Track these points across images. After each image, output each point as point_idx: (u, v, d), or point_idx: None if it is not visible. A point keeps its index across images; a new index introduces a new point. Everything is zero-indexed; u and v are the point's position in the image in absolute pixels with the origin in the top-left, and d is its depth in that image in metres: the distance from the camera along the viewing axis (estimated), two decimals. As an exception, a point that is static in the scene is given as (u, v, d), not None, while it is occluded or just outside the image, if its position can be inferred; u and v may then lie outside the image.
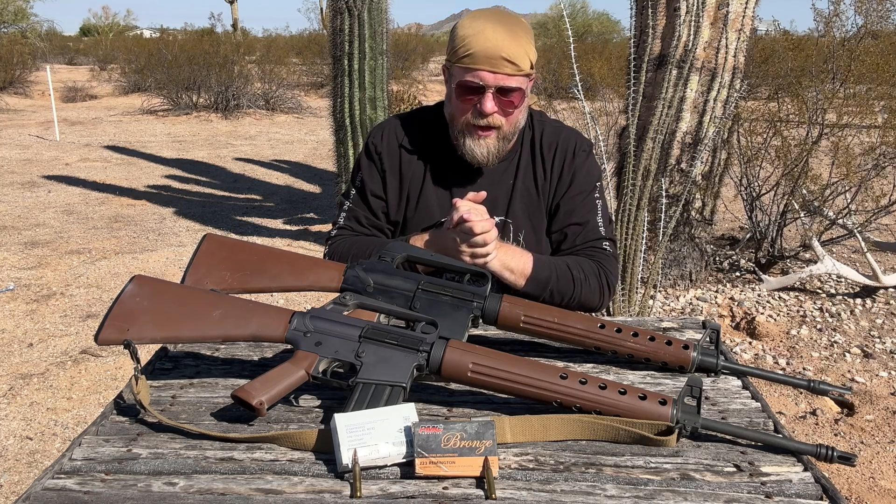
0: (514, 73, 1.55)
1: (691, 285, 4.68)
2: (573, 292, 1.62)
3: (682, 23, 4.05)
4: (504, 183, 1.71)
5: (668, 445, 1.09)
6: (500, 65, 1.53)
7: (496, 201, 1.70)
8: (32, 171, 8.73)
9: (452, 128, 1.65)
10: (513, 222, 1.71)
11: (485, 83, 1.54)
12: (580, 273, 1.63)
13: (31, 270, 5.19)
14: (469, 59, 1.54)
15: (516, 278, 1.58)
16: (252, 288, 1.39)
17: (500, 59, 1.52)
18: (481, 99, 1.56)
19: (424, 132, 1.73)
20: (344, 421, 1.04)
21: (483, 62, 1.53)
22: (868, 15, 4.97)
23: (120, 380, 3.56)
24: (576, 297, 1.63)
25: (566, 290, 1.62)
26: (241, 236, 5.81)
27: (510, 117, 1.60)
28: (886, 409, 3.20)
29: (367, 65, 5.42)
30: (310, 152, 10.47)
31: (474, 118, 1.58)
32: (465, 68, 1.56)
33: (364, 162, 1.76)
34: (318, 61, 17.80)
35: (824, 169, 5.04)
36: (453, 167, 1.71)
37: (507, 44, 1.53)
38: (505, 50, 1.52)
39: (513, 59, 1.53)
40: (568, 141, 1.73)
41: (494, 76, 1.54)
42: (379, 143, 1.74)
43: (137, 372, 1.18)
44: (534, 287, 1.59)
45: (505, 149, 1.66)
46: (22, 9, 29.88)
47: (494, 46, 1.52)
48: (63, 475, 1.04)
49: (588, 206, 1.71)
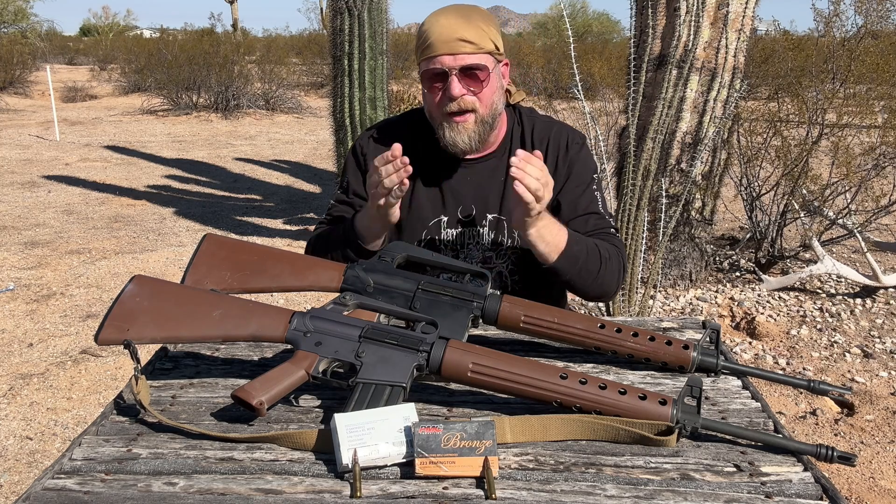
0: (475, 52, 1.56)
1: (691, 285, 4.68)
2: (598, 272, 1.59)
3: (682, 23, 4.05)
4: (496, 180, 1.71)
5: (668, 445, 1.09)
6: (458, 46, 1.55)
7: (488, 199, 1.70)
8: (32, 171, 8.72)
9: (433, 124, 1.66)
10: (507, 219, 1.71)
11: (446, 66, 1.56)
12: (606, 252, 1.61)
13: (31, 270, 5.19)
14: (428, 48, 1.57)
15: (549, 251, 1.53)
16: (252, 288, 1.39)
17: (456, 40, 1.55)
18: (447, 84, 1.57)
19: (413, 133, 1.73)
20: (344, 421, 1.04)
21: (441, 47, 1.56)
22: (868, 15, 4.97)
23: (120, 380, 3.56)
24: (600, 278, 1.60)
25: (593, 268, 1.58)
26: (241, 236, 5.81)
27: (482, 96, 1.60)
28: (886, 409, 3.20)
29: (367, 65, 5.42)
30: (310, 152, 10.47)
31: (446, 105, 1.59)
32: (427, 58, 1.58)
33: (350, 163, 1.78)
34: (318, 61, 17.82)
35: (824, 169, 5.04)
36: (443, 166, 1.71)
37: (460, 25, 1.56)
38: (459, 31, 1.55)
39: (469, 38, 1.55)
40: (560, 135, 1.73)
41: (454, 58, 1.56)
42: (366, 144, 1.75)
43: (137, 372, 1.18)
44: (566, 262, 1.55)
45: (486, 133, 1.65)
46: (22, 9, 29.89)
47: (449, 30, 1.55)
48: (63, 475, 1.04)
49: (589, 197, 1.71)
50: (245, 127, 12.90)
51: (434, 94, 1.60)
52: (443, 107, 1.60)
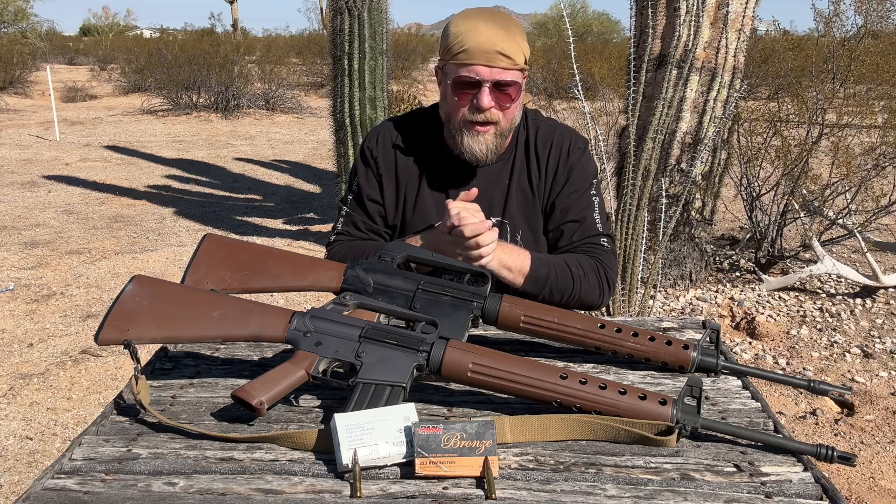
0: (510, 67, 1.55)
1: (691, 285, 4.67)
2: (572, 289, 1.62)
3: (682, 23, 4.05)
4: (500, 183, 1.71)
5: (668, 445, 1.09)
6: (496, 59, 1.53)
7: (492, 202, 1.70)
8: (32, 171, 8.72)
9: (449, 127, 1.65)
10: (509, 223, 1.71)
11: (481, 78, 1.54)
12: (579, 270, 1.63)
13: (31, 270, 5.19)
14: (464, 54, 1.55)
15: (514, 277, 1.58)
16: (252, 288, 1.39)
17: (496, 53, 1.53)
18: (478, 94, 1.55)
19: (419, 134, 1.73)
20: (344, 421, 1.04)
21: (478, 57, 1.53)
22: (868, 15, 4.97)
23: (120, 380, 3.56)
24: (575, 295, 1.62)
25: (565, 287, 1.61)
26: (241, 236, 5.80)
27: (507, 112, 1.60)
28: (886, 409, 3.20)
29: (367, 65, 5.42)
30: (310, 152, 10.47)
31: (472, 114, 1.58)
32: (461, 64, 1.56)
33: (360, 167, 1.76)
34: (318, 61, 17.81)
35: (824, 169, 5.04)
36: (449, 168, 1.71)
37: (501, 38, 1.53)
38: (499, 44, 1.53)
39: (508, 53, 1.53)
40: (563, 139, 1.73)
41: (490, 70, 1.54)
42: (374, 147, 1.74)
43: (137, 372, 1.18)
44: (532, 285, 1.59)
45: (502, 145, 1.65)
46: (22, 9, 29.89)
47: (489, 41, 1.53)
48: (63, 475, 1.04)
49: (585, 202, 1.71)
50: (245, 127, 12.90)
51: (462, 100, 1.58)
52: (467, 115, 1.59)
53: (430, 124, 1.73)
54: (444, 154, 1.70)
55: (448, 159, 1.70)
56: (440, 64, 1.65)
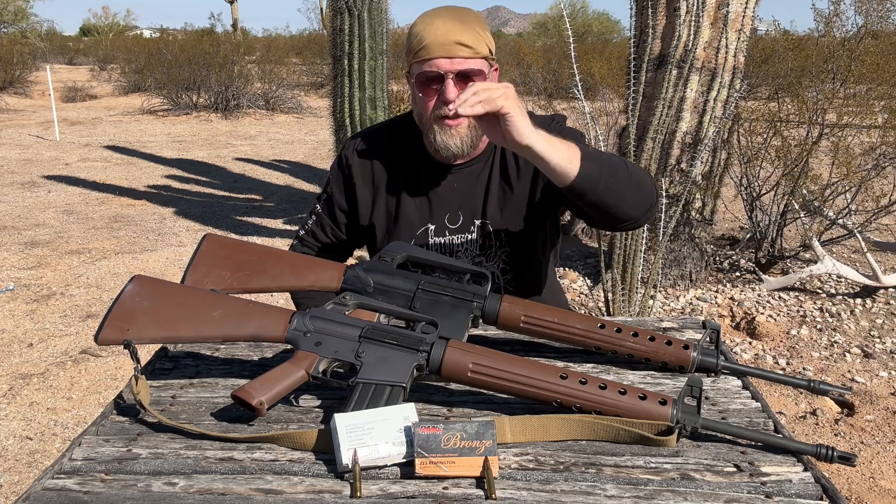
0: (471, 56, 1.54)
1: (691, 285, 4.67)
2: (628, 173, 1.45)
3: (682, 23, 4.05)
4: (480, 185, 1.69)
5: (668, 445, 1.09)
6: (455, 49, 1.52)
7: (475, 204, 1.69)
8: (32, 171, 8.72)
9: (422, 128, 1.63)
10: (491, 223, 1.69)
11: (443, 70, 1.53)
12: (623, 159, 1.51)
13: (31, 270, 5.19)
14: (424, 51, 1.54)
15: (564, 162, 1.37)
16: (252, 288, 1.39)
17: (454, 44, 1.52)
18: (443, 87, 1.54)
19: (397, 141, 1.71)
20: (344, 421, 1.04)
21: (437, 50, 1.53)
22: (868, 15, 4.97)
23: (120, 380, 3.56)
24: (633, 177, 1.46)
25: (620, 170, 1.44)
26: (241, 236, 5.80)
27: None
28: (886, 409, 3.20)
29: (367, 65, 5.42)
30: (310, 152, 10.47)
31: (440, 109, 1.56)
32: (422, 60, 1.55)
33: (334, 174, 1.76)
34: (318, 61, 17.81)
35: (824, 169, 5.04)
36: (428, 172, 1.69)
37: (457, 29, 1.53)
38: (456, 35, 1.52)
39: (466, 42, 1.53)
40: (540, 124, 1.65)
41: (451, 62, 1.53)
42: (350, 154, 1.73)
43: (137, 372, 1.18)
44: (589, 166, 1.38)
45: (478, 137, 1.62)
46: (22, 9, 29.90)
47: (445, 33, 1.52)
48: (63, 475, 1.04)
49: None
50: (245, 127, 12.89)
51: (428, 97, 1.57)
52: (436, 110, 1.57)
53: (408, 130, 1.71)
54: (423, 158, 1.69)
55: (427, 163, 1.69)
56: (406, 68, 1.64)
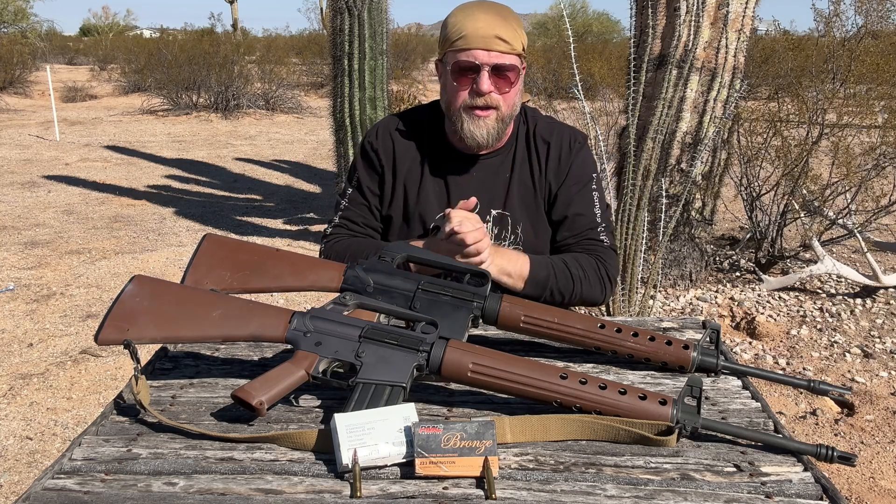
0: (508, 52, 1.57)
1: (691, 285, 4.67)
2: (573, 289, 1.63)
3: (682, 23, 4.05)
4: (501, 176, 1.72)
5: (668, 445, 1.09)
6: (494, 43, 1.56)
7: (493, 195, 1.71)
8: (32, 171, 8.72)
9: (450, 115, 1.66)
10: (510, 215, 1.72)
11: (480, 61, 1.56)
12: (578, 270, 1.64)
13: (31, 270, 5.19)
14: (462, 41, 1.57)
15: (514, 282, 1.60)
16: (252, 288, 1.39)
17: (494, 37, 1.55)
18: (477, 78, 1.57)
19: (419, 129, 1.74)
20: (344, 421, 1.04)
21: (477, 42, 1.56)
22: (868, 15, 4.97)
23: (120, 380, 3.56)
24: (577, 294, 1.64)
25: (566, 288, 1.63)
26: (241, 236, 5.80)
27: (507, 96, 1.61)
28: (886, 409, 3.20)
29: (367, 65, 5.42)
30: (310, 152, 10.47)
31: (472, 99, 1.60)
32: (459, 50, 1.58)
33: (360, 161, 1.77)
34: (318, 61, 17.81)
35: (824, 169, 5.04)
36: (450, 160, 1.72)
37: (498, 24, 1.56)
38: (497, 29, 1.56)
39: (505, 38, 1.56)
40: (562, 134, 1.74)
41: (489, 54, 1.56)
42: (375, 140, 1.76)
43: (137, 372, 1.18)
44: (533, 288, 1.60)
45: (503, 132, 1.66)
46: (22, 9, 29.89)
47: (486, 26, 1.56)
48: (63, 475, 1.04)
49: (584, 197, 1.72)
50: (245, 127, 12.89)
51: (462, 85, 1.60)
52: (468, 100, 1.60)
53: (430, 119, 1.74)
54: (444, 147, 1.72)
55: (449, 152, 1.71)
56: (439, 56, 1.67)
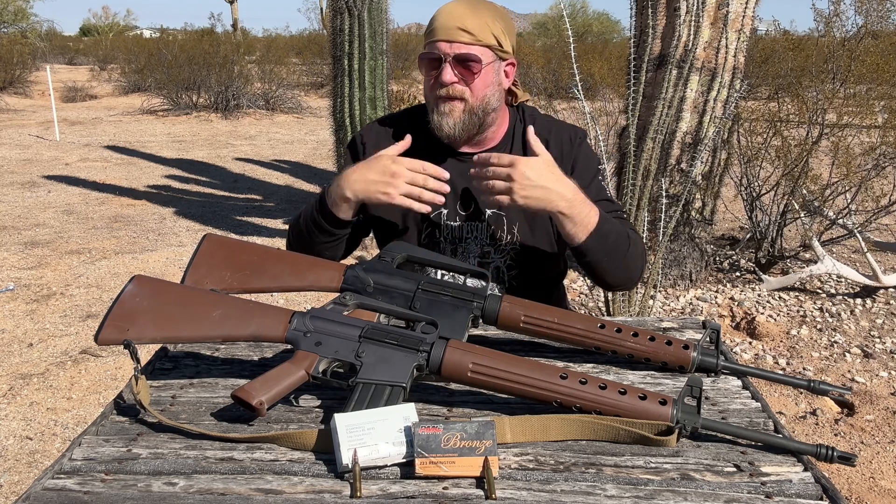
0: (472, 42, 1.59)
1: (691, 285, 4.67)
2: (627, 252, 1.59)
3: (682, 23, 4.05)
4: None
5: (668, 445, 1.09)
6: (456, 34, 1.58)
7: None
8: (32, 171, 8.72)
9: (428, 109, 1.68)
10: (506, 215, 1.71)
11: (442, 52, 1.59)
12: (632, 233, 1.63)
13: (31, 270, 5.19)
14: (430, 33, 1.62)
15: (577, 232, 1.54)
16: (252, 288, 1.39)
17: (456, 28, 1.58)
18: (441, 69, 1.59)
19: (414, 127, 1.74)
20: (344, 421, 1.04)
21: (441, 33, 1.59)
22: (868, 15, 4.97)
23: (120, 380, 3.56)
24: (628, 259, 1.59)
25: (622, 247, 1.59)
26: (241, 236, 5.81)
27: (473, 87, 1.61)
28: (886, 409, 3.20)
29: (367, 65, 5.42)
30: (310, 152, 10.47)
31: (438, 90, 1.62)
32: (428, 43, 1.62)
33: (350, 154, 1.79)
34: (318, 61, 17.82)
35: (824, 169, 5.04)
36: (443, 160, 1.72)
37: (464, 15, 1.59)
38: (461, 20, 1.58)
39: (469, 29, 1.58)
40: (561, 132, 1.75)
41: (450, 45, 1.58)
42: (366, 133, 1.79)
43: (137, 372, 1.18)
44: (595, 241, 1.55)
45: (473, 125, 1.66)
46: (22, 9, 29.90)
47: (451, 18, 1.59)
48: (63, 475, 1.04)
49: (597, 186, 1.72)
50: (245, 127, 12.89)
51: (429, 78, 1.64)
52: (434, 90, 1.63)
53: (426, 118, 1.75)
54: (439, 145, 1.72)
55: (443, 150, 1.72)
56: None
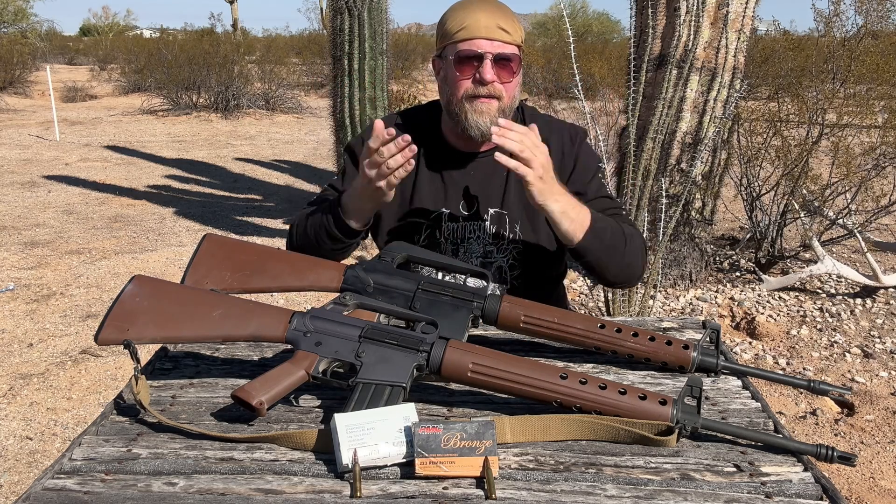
0: (510, 42, 1.58)
1: (691, 285, 4.67)
2: (625, 249, 1.59)
3: (682, 23, 4.05)
4: (498, 174, 1.71)
5: (668, 445, 1.09)
6: (496, 33, 1.57)
7: (491, 193, 1.71)
8: (32, 171, 8.72)
9: (451, 109, 1.64)
10: (508, 214, 1.71)
11: (483, 50, 1.57)
12: (628, 230, 1.62)
13: (31, 270, 5.19)
14: (464, 31, 1.58)
15: (574, 229, 1.52)
16: (252, 288, 1.39)
17: (496, 27, 1.57)
18: (481, 67, 1.57)
19: (416, 127, 1.73)
20: (344, 421, 1.04)
21: (480, 31, 1.57)
22: (868, 15, 4.97)
23: (120, 380, 3.56)
24: (627, 256, 1.59)
25: (619, 245, 1.58)
26: (241, 236, 5.80)
27: (508, 87, 1.61)
28: (886, 409, 3.20)
29: (367, 65, 5.42)
30: (310, 152, 10.47)
31: (475, 88, 1.59)
32: (462, 40, 1.58)
33: (347, 154, 1.77)
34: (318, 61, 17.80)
35: (824, 169, 5.04)
36: (446, 160, 1.72)
37: (499, 15, 1.58)
38: (498, 20, 1.57)
39: (507, 28, 1.57)
40: (562, 130, 1.75)
41: (492, 43, 1.57)
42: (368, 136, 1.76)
43: (137, 372, 1.18)
44: (592, 240, 1.54)
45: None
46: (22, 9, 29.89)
47: (487, 17, 1.57)
48: (63, 475, 1.04)
49: (598, 184, 1.73)
50: (245, 127, 12.89)
51: (464, 75, 1.59)
52: (471, 89, 1.59)
53: (428, 118, 1.75)
54: (441, 145, 1.72)
55: (446, 150, 1.71)
56: (437, 52, 1.67)
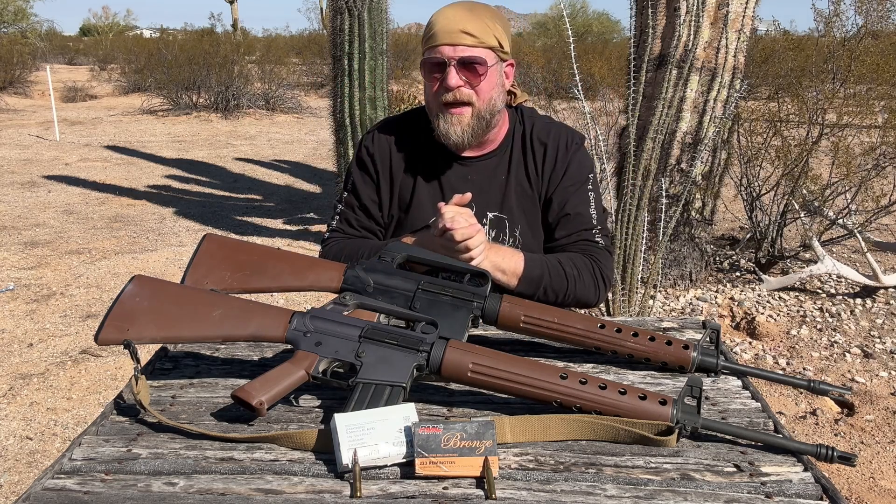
0: (476, 45, 1.58)
1: (691, 285, 4.67)
2: (567, 289, 1.63)
3: (682, 23, 4.05)
4: (497, 178, 1.71)
5: (668, 445, 1.09)
6: (459, 37, 1.57)
7: (490, 197, 1.71)
8: (32, 171, 8.72)
9: (430, 116, 1.66)
10: (508, 217, 1.71)
11: (446, 57, 1.57)
12: (573, 269, 1.63)
13: (31, 270, 5.19)
14: (431, 38, 1.60)
15: (508, 279, 1.59)
16: (252, 288, 1.39)
17: (459, 32, 1.57)
18: (445, 74, 1.58)
19: (415, 132, 1.74)
20: (344, 421, 1.04)
21: (443, 37, 1.58)
22: (868, 15, 4.97)
23: (120, 380, 3.56)
24: (570, 294, 1.63)
25: (559, 287, 1.62)
26: (241, 236, 5.80)
27: (479, 91, 1.60)
28: (886, 409, 3.20)
29: (367, 65, 5.42)
30: (310, 152, 10.47)
31: (443, 95, 1.60)
32: (429, 48, 1.60)
33: (356, 165, 1.78)
34: (318, 61, 17.82)
35: (824, 169, 5.04)
36: (445, 164, 1.72)
37: (464, 18, 1.58)
38: (462, 23, 1.57)
39: (471, 31, 1.57)
40: (559, 135, 1.74)
41: (454, 48, 1.57)
42: (371, 145, 1.76)
43: (137, 372, 1.18)
44: (527, 286, 1.60)
45: (482, 130, 1.65)
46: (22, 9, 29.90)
47: (451, 22, 1.58)
48: (63, 475, 1.04)
49: (581, 197, 1.72)
50: (245, 127, 12.89)
51: (433, 83, 1.62)
52: (439, 97, 1.61)
53: (426, 121, 1.74)
54: (440, 149, 1.71)
55: (444, 154, 1.71)
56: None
